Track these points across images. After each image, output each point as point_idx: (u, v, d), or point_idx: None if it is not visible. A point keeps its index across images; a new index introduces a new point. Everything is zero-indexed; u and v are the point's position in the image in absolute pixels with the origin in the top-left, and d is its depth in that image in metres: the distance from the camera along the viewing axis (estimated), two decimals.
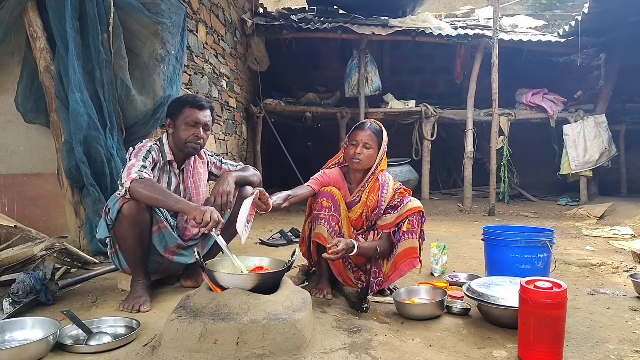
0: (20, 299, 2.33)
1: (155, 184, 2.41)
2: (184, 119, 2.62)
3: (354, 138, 2.66)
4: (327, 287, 2.69)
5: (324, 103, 8.32)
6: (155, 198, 2.32)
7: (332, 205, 2.60)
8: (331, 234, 2.55)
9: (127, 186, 2.31)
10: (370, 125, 2.68)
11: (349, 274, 2.70)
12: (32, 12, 3.36)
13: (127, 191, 2.32)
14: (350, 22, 7.81)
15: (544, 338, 1.78)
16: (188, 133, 2.63)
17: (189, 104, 2.65)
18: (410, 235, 2.57)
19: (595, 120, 7.70)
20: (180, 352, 1.71)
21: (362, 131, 2.65)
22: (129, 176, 2.33)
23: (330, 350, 1.86)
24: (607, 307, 2.53)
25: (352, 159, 2.65)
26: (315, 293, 2.63)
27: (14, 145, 3.68)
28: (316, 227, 2.59)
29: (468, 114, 7.73)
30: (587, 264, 3.58)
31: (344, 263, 2.67)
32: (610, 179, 8.48)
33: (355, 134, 2.67)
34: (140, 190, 2.31)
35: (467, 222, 6.34)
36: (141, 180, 2.33)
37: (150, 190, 2.32)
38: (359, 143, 2.63)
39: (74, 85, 3.23)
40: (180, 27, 3.83)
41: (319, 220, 2.58)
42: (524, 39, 7.76)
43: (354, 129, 2.71)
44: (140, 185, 2.31)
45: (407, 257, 2.58)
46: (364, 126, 2.68)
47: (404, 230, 2.58)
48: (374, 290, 2.63)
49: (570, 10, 9.81)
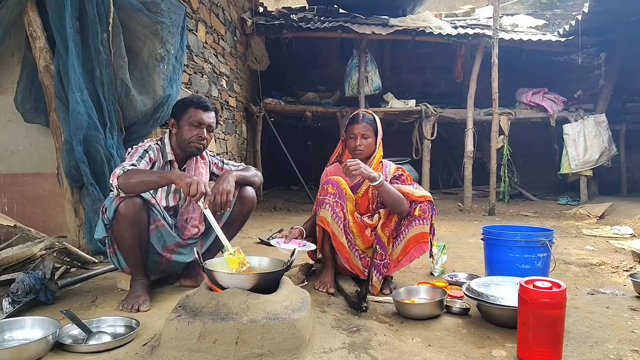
0: (20, 298, 2.33)
1: (137, 169, 2.41)
2: (188, 119, 2.63)
3: (351, 132, 2.82)
4: (330, 280, 2.74)
5: (324, 102, 8.32)
6: (143, 181, 2.33)
7: (337, 192, 2.68)
8: (335, 220, 2.63)
9: (115, 184, 2.32)
10: (364, 117, 2.84)
11: (356, 261, 2.74)
12: (31, 11, 3.36)
13: (117, 189, 2.32)
14: (351, 22, 7.81)
15: (544, 338, 1.78)
16: (191, 133, 2.63)
17: (194, 104, 2.66)
18: (421, 221, 2.64)
19: (596, 120, 7.70)
20: (179, 351, 1.71)
21: (358, 124, 2.80)
22: (114, 175, 2.34)
23: (330, 350, 1.86)
24: (606, 307, 2.53)
25: (355, 151, 2.80)
26: (318, 287, 2.71)
27: (13, 145, 3.69)
28: (321, 211, 2.68)
29: (468, 113, 7.73)
30: (587, 264, 3.58)
31: (351, 249, 2.71)
32: (610, 178, 8.48)
33: (352, 127, 2.82)
34: (127, 181, 2.31)
35: (467, 221, 6.34)
36: (125, 173, 2.34)
37: (136, 176, 2.33)
38: (357, 135, 2.79)
39: (74, 84, 3.23)
40: (180, 27, 3.82)
41: (324, 205, 2.66)
42: (524, 39, 7.76)
43: (349, 122, 2.86)
44: (126, 177, 2.32)
45: (417, 242, 2.66)
46: (358, 119, 2.83)
47: (416, 215, 2.65)
48: (381, 273, 2.70)
49: (571, 9, 9.81)
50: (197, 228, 2.77)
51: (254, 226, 5.43)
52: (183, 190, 2.24)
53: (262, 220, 6.11)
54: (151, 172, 2.46)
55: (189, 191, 2.20)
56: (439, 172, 9.53)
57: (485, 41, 7.60)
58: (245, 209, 2.81)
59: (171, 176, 2.34)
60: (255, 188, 2.87)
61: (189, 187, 2.21)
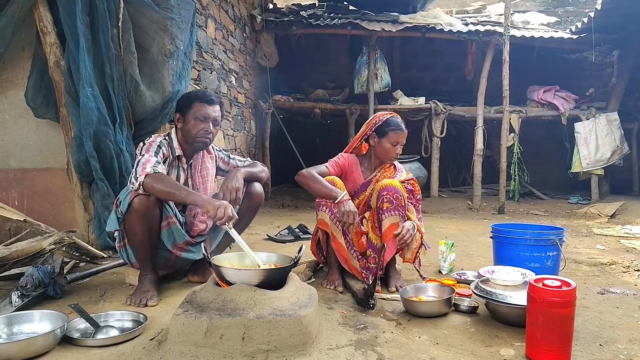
0: (29, 292, 2.35)
1: (167, 177, 2.43)
2: (194, 113, 2.63)
3: (394, 139, 2.79)
4: (338, 278, 2.75)
5: (333, 99, 8.29)
6: (168, 192, 2.32)
7: None
8: (333, 220, 2.67)
9: (141, 180, 2.32)
10: (404, 125, 2.86)
11: (354, 262, 2.75)
12: (42, 7, 3.38)
13: (140, 185, 2.32)
14: (360, 18, 7.78)
15: (552, 337, 1.76)
16: (198, 128, 2.63)
17: (199, 98, 2.66)
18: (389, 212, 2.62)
19: (608, 118, 7.62)
20: (186, 346, 1.72)
21: (403, 133, 2.82)
22: (144, 170, 2.33)
23: (337, 347, 1.86)
24: (616, 307, 2.50)
25: (391, 157, 2.83)
26: (325, 284, 2.73)
27: (24, 140, 3.71)
28: (319, 213, 2.72)
29: (478, 111, 7.69)
30: (598, 263, 3.54)
31: (350, 250, 2.73)
32: (622, 177, 8.38)
33: (396, 134, 2.79)
34: (153, 184, 2.31)
35: (476, 220, 6.31)
36: (154, 174, 2.34)
37: (164, 184, 2.33)
38: (400, 144, 2.81)
39: (84, 80, 3.24)
40: (190, 23, 3.83)
41: (321, 207, 2.71)
42: (536, 36, 7.69)
43: (392, 129, 2.80)
44: (154, 180, 2.32)
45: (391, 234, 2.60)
46: (402, 128, 2.83)
47: (384, 208, 2.63)
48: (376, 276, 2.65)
49: (583, 6, 9.70)
50: (205, 223, 2.78)
51: (261, 223, 5.43)
52: (210, 214, 2.21)
53: (270, 217, 6.11)
54: (179, 186, 2.41)
55: (216, 215, 2.18)
56: (448, 170, 9.48)
57: (496, 38, 7.54)
58: (253, 204, 2.82)
59: (197, 199, 2.30)
60: (262, 183, 2.87)
61: (216, 211, 2.18)
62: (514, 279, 2.27)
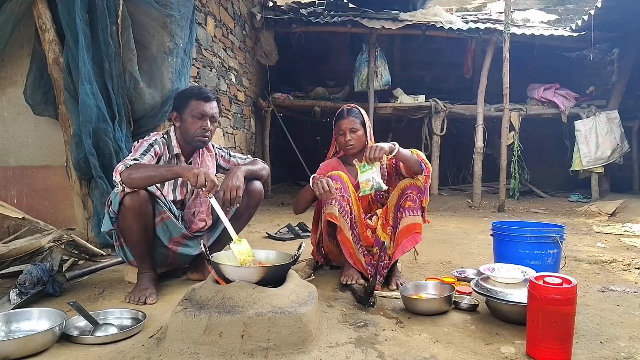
0: (28, 290, 2.34)
1: (142, 164, 2.38)
2: (191, 111, 2.60)
3: (339, 128, 2.87)
4: (355, 272, 2.73)
5: (333, 97, 8.29)
6: (148, 176, 2.31)
7: (342, 187, 2.68)
8: (342, 214, 2.63)
9: (118, 180, 2.29)
10: (348, 111, 2.89)
11: (360, 256, 2.73)
12: (41, 4, 3.36)
13: (121, 184, 2.30)
14: (360, 16, 7.77)
15: (553, 335, 1.76)
16: (195, 126, 2.61)
17: (195, 96, 2.63)
18: (411, 211, 2.64)
19: (608, 116, 7.61)
20: (185, 344, 1.71)
21: (343, 120, 2.85)
22: (117, 170, 2.31)
23: (336, 344, 1.85)
24: (617, 305, 2.49)
25: (346, 146, 2.85)
26: (345, 280, 2.69)
27: (23, 138, 3.70)
28: (327, 207, 2.65)
29: (478, 109, 7.68)
30: (598, 261, 3.53)
31: (356, 244, 2.71)
32: (622, 175, 8.38)
33: (338, 124, 2.87)
34: (131, 176, 2.28)
35: (476, 218, 6.30)
36: (128, 167, 2.31)
37: (141, 171, 2.31)
38: (345, 131, 2.83)
39: (84, 77, 3.23)
40: (189, 20, 3.81)
41: (327, 204, 2.66)
42: (536, 34, 7.68)
43: (335, 120, 2.91)
44: (130, 172, 2.29)
45: (409, 233, 2.64)
46: (343, 115, 2.88)
47: (406, 206, 2.64)
48: (382, 275, 2.68)
49: (583, 4, 9.69)
50: (205, 222, 2.77)
51: (261, 221, 5.43)
52: (190, 181, 2.24)
53: (269, 215, 6.10)
54: (156, 166, 2.44)
55: (197, 182, 2.20)
56: (448, 168, 9.48)
57: (496, 36, 7.52)
58: (253, 202, 2.80)
59: (177, 169, 2.34)
60: (262, 181, 2.86)
61: (196, 178, 2.20)
62: (514, 276, 2.26)
